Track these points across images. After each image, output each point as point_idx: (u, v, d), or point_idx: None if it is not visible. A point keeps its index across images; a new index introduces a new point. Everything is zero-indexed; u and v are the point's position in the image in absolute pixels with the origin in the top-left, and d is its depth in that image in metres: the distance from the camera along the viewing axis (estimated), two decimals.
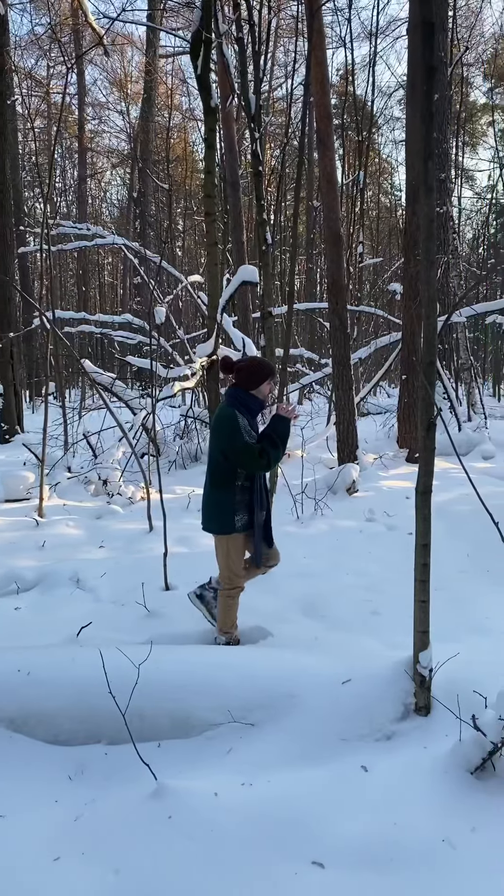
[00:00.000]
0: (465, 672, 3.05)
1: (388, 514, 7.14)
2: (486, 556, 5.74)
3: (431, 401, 2.91)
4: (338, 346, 8.67)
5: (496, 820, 2.38)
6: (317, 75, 8.12)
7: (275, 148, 25.37)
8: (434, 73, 2.71)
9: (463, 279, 17.34)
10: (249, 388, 3.96)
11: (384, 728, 2.93)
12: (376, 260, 23.13)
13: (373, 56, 16.96)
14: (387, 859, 2.25)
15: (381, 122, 27.21)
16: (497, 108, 28.78)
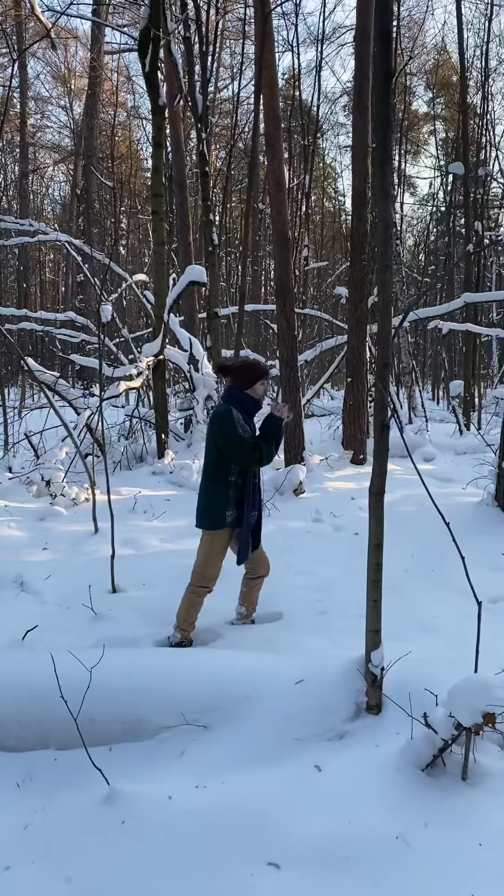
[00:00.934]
0: (416, 670, 3.10)
1: (335, 515, 7.21)
2: (429, 556, 5.86)
3: (385, 403, 2.95)
4: (285, 348, 8.72)
5: (448, 815, 2.42)
6: (266, 78, 8.15)
7: (220, 149, 25.37)
8: (390, 79, 2.75)
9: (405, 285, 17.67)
10: (244, 387, 4.13)
11: (337, 727, 2.95)
12: (321, 264, 23.36)
13: (318, 61, 17.10)
14: (342, 858, 2.27)
15: (326, 127, 27.53)
16: (438, 117, 29.43)
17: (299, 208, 20.39)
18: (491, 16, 17.17)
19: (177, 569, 5.36)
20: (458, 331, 15.95)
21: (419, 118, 30.62)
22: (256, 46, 6.19)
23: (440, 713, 2.64)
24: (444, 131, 30.51)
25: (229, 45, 24.47)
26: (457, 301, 12.98)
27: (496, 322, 23.20)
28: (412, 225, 36.05)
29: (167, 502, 7.54)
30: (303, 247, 18.80)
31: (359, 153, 9.68)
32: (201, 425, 10.02)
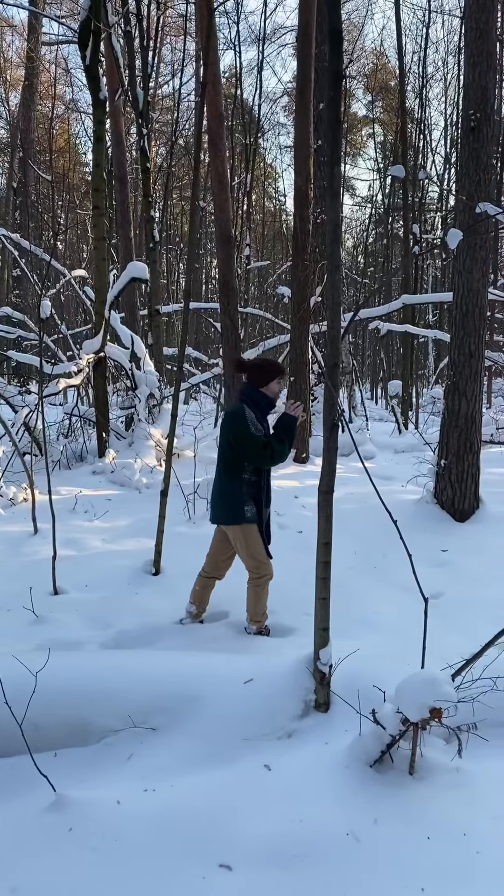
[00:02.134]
0: (364, 667, 3.13)
1: (279, 514, 7.22)
2: (372, 553, 5.93)
3: (335, 402, 2.97)
4: (229, 347, 8.71)
5: (396, 811, 2.45)
6: (210, 75, 8.10)
7: (162, 145, 25.16)
8: (341, 79, 2.76)
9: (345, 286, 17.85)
10: (259, 385, 4.16)
11: (286, 726, 2.95)
12: (263, 263, 23.44)
13: (260, 61, 17.13)
14: (293, 856, 2.27)
15: (267, 126, 27.63)
16: (377, 120, 29.89)
17: (241, 207, 20.41)
18: (429, 23, 17.50)
19: (120, 569, 5.30)
20: (396, 331, 16.22)
21: (359, 121, 31.03)
22: (202, 42, 6.14)
23: (388, 709, 2.67)
24: (382, 134, 31.01)
25: (170, 42, 24.31)
26: (395, 302, 13.21)
27: (432, 323, 23.72)
28: (351, 227, 36.53)
29: (109, 502, 7.44)
30: (245, 246, 18.82)
31: (301, 153, 9.73)
32: (143, 423, 9.91)
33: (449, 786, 2.58)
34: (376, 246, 33.01)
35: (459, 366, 6.79)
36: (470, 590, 5.09)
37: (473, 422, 6.83)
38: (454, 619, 4.43)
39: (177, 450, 9.26)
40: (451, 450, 6.86)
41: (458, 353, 6.80)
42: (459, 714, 2.73)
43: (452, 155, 22.16)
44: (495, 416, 13.11)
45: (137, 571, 5.21)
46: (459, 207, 6.88)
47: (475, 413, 6.83)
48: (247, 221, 19.53)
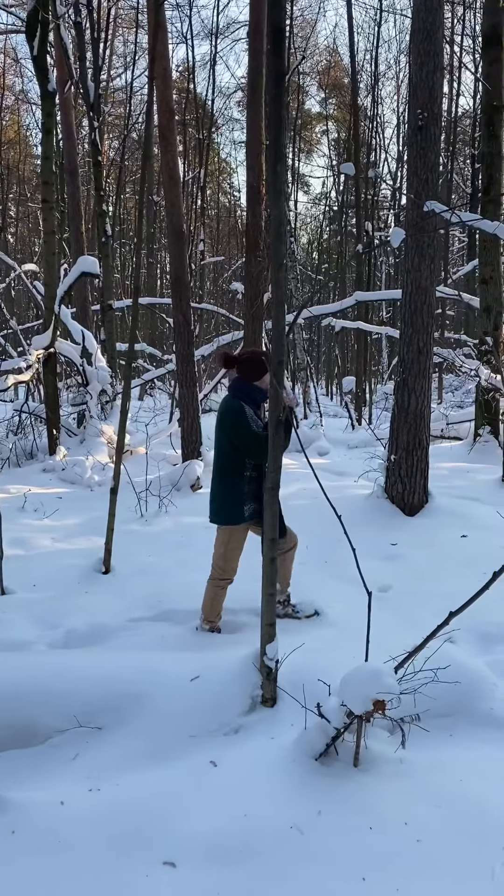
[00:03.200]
0: (310, 662, 3.16)
1: None
2: (323, 549, 5.98)
3: (280, 399, 2.98)
4: (181, 343, 8.67)
5: (340, 802, 2.48)
6: (159, 70, 8.05)
7: (114, 139, 24.88)
8: (283, 78, 2.77)
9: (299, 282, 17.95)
10: (253, 379, 4.08)
11: (232, 722, 2.96)
12: (217, 258, 23.38)
13: (213, 55, 17.08)
14: (238, 851, 2.28)
15: (221, 121, 27.54)
16: (330, 118, 30.05)
17: (195, 202, 20.33)
18: (380, 21, 17.66)
19: (70, 569, 5.24)
20: (351, 328, 16.37)
21: (312, 118, 31.16)
22: (149, 36, 6.09)
23: (333, 702, 2.70)
24: (336, 132, 31.20)
25: (122, 34, 24.04)
26: (348, 299, 13.32)
27: (386, 320, 24.00)
28: (306, 223, 36.69)
29: (59, 500, 7.36)
30: (199, 241, 18.75)
31: (253, 149, 9.74)
32: (95, 420, 9.82)
33: (392, 776, 2.62)
34: (330, 243, 33.22)
35: (408, 362, 6.89)
36: (418, 582, 5.17)
37: (422, 417, 6.94)
38: (402, 612, 4.50)
39: (129, 447, 9.20)
40: (401, 445, 6.95)
41: (407, 349, 6.89)
42: (403, 706, 2.78)
43: (405, 153, 22.44)
44: (446, 411, 13.33)
45: (87, 570, 5.16)
46: (408, 206, 6.97)
47: (424, 409, 6.94)
48: (201, 217, 19.46)
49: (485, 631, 4.22)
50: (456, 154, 21.91)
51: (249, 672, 3.09)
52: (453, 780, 2.61)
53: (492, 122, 10.07)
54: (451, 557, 5.59)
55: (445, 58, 19.95)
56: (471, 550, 5.64)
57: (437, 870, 2.20)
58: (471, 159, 19.15)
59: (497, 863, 2.22)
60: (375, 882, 2.15)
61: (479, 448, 9.79)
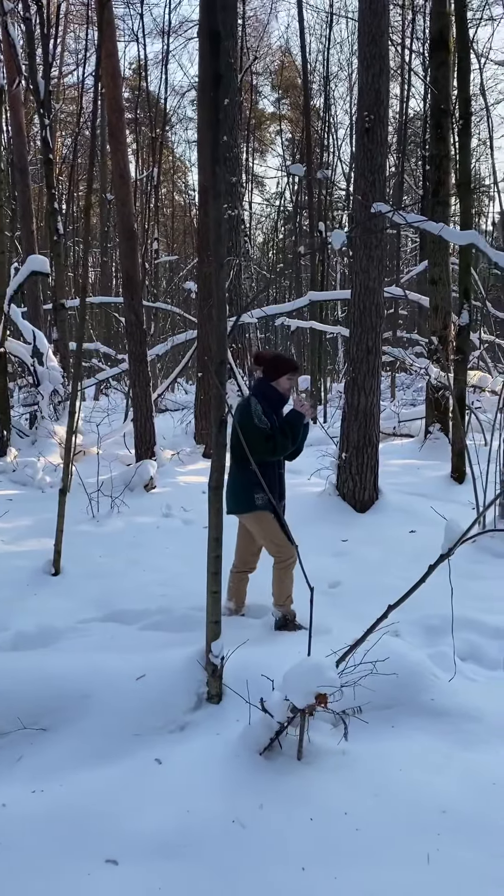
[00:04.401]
0: (256, 658, 3.19)
1: (185, 510, 7.25)
2: None
3: (223, 399, 3.01)
4: (134, 342, 8.64)
5: (282, 795, 2.52)
6: (107, 67, 8.00)
7: (66, 136, 24.61)
8: (220, 80, 2.79)
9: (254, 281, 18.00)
10: (270, 379, 4.25)
11: (178, 719, 2.98)
12: (172, 257, 23.31)
13: (165, 54, 17.03)
14: (180, 846, 2.30)
15: (175, 120, 27.45)
16: (284, 118, 30.19)
17: (149, 201, 20.23)
18: (331, 23, 17.80)
19: (19, 570, 5.19)
20: (306, 327, 16.47)
21: (266, 117, 31.26)
22: (97, 34, 6.06)
23: (276, 697, 2.74)
24: (290, 132, 31.35)
25: (74, 30, 23.78)
26: (302, 299, 13.42)
27: (341, 320, 24.20)
28: (261, 222, 36.79)
29: (10, 502, 7.27)
30: (153, 240, 18.66)
31: (205, 149, 9.75)
32: (47, 421, 9.72)
33: (334, 768, 2.68)
34: (286, 242, 33.37)
35: (358, 362, 6.99)
36: (367, 577, 5.24)
37: (372, 416, 7.04)
38: (350, 607, 4.56)
39: (82, 447, 9.13)
40: (352, 443, 7.05)
41: (356, 349, 6.99)
42: (345, 699, 2.83)
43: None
44: (398, 409, 13.52)
45: (37, 572, 5.12)
46: (355, 207, 7.07)
47: (373, 407, 7.05)
48: (155, 215, 19.37)
49: (430, 624, 4.31)
50: (408, 156, 22.22)
51: (195, 669, 3.11)
52: (393, 770, 2.68)
53: (440, 124, 10.26)
54: (400, 553, 5.69)
55: (396, 61, 20.23)
56: (419, 545, 5.75)
57: (374, 857, 2.25)
58: (422, 161, 19.44)
59: (432, 848, 2.29)
60: (314, 871, 2.19)
61: (430, 445, 9.96)
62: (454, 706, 3.12)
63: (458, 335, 8.39)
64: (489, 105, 22.89)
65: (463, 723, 3.04)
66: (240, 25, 18.70)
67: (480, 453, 6.96)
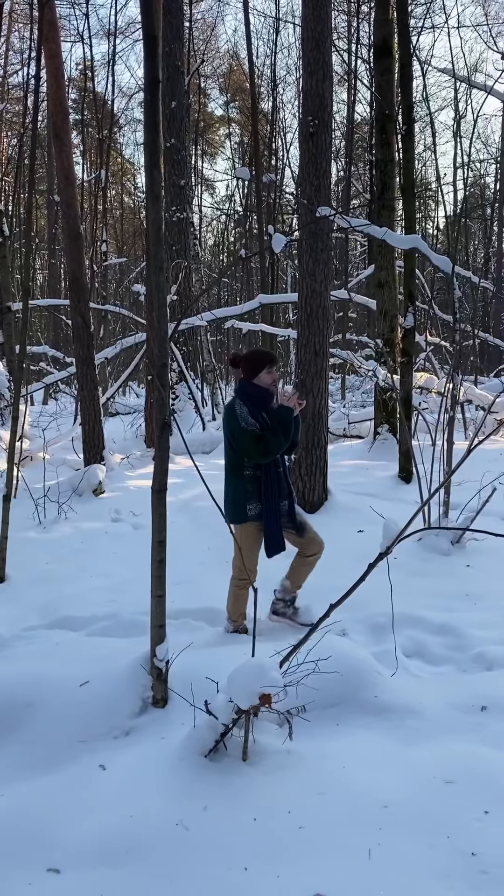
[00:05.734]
0: (201, 660, 3.20)
1: (135, 514, 7.21)
2: (225, 549, 6.03)
3: (165, 402, 3.01)
4: (81, 345, 8.55)
5: (226, 796, 2.53)
6: (50, 68, 7.91)
7: (13, 136, 24.21)
8: (158, 84, 2.80)
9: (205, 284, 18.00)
10: (250, 377, 4.09)
11: (123, 725, 2.97)
12: (120, 259, 23.13)
13: (112, 55, 16.89)
14: (124, 852, 2.29)
15: (124, 122, 27.27)
16: (233, 121, 30.25)
17: (97, 203, 20.03)
18: (278, 28, 17.92)
19: None
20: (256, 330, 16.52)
21: (215, 120, 31.28)
22: (38, 34, 5.99)
23: (221, 699, 2.75)
24: (239, 135, 31.44)
25: (19, 30, 23.42)
26: (252, 302, 13.44)
27: (292, 322, 24.35)
28: (212, 225, 36.77)
29: None
30: (101, 242, 18.50)
31: None
32: None
33: (278, 768, 2.69)
34: (236, 245, 33.41)
35: (306, 364, 7.05)
36: (314, 578, 5.26)
37: (320, 417, 7.11)
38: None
39: (29, 452, 9.00)
40: (301, 444, 7.10)
41: (304, 351, 7.05)
42: (289, 698, 2.85)
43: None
44: (347, 411, 13.67)
45: None
46: (301, 211, 7.13)
47: (322, 409, 7.11)
48: (104, 217, 19.19)
49: (376, 622, 4.37)
50: (355, 161, 22.50)
51: (139, 674, 3.10)
52: (337, 768, 2.71)
53: (384, 130, 10.42)
54: (347, 552, 5.73)
55: (343, 67, 20.47)
56: (367, 545, 5.79)
57: (317, 854, 2.28)
58: (368, 166, 19.71)
59: (374, 843, 2.32)
60: (257, 871, 2.21)
61: (379, 446, 10.09)
62: (397, 703, 3.17)
63: (403, 338, 8.53)
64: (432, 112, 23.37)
65: (406, 719, 3.09)
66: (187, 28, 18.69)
67: (427, 453, 7.08)
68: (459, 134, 23.82)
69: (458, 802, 2.50)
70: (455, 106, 26.12)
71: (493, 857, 2.24)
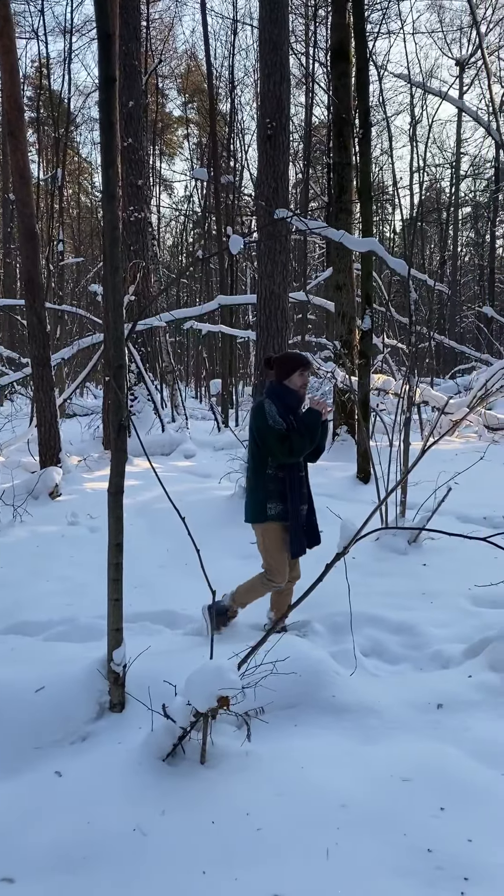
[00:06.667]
0: (157, 664, 3.17)
1: (92, 517, 7.13)
2: (184, 551, 6.00)
3: (122, 403, 2.98)
4: (37, 346, 8.43)
5: (185, 800, 2.51)
6: (5, 64, 7.79)
7: None
8: (113, 83, 2.77)
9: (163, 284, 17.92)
10: (281, 379, 4.07)
11: (79, 730, 2.93)
12: (77, 259, 22.89)
13: (68, 53, 16.72)
14: (81, 859, 2.26)
15: (80, 120, 27.00)
16: (191, 122, 30.20)
17: (53, 202, 19.79)
18: (236, 30, 17.94)
19: None
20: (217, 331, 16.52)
21: (174, 121, 31.18)
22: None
23: (178, 702, 2.73)
24: (198, 136, 31.38)
25: None
26: (211, 303, 13.46)
27: (252, 323, 24.40)
28: (170, 225, 36.64)
29: None
30: (58, 241, 18.27)
31: None
32: None
33: (237, 770, 2.69)
34: (195, 246, 33.34)
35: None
36: None
37: None
38: (256, 609, 4.59)
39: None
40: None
41: (263, 353, 7.07)
42: (247, 700, 2.85)
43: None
44: None
45: None
46: (258, 213, 7.15)
47: None
48: (60, 217, 18.96)
49: (335, 622, 4.40)
50: (313, 163, 22.64)
51: (96, 679, 3.06)
52: (295, 769, 2.71)
53: (341, 133, 10.50)
54: (307, 553, 5.77)
55: (301, 70, 20.58)
56: (324, 546, 5.84)
57: (275, 856, 2.28)
58: (326, 169, 19.85)
59: (332, 843, 2.33)
60: (215, 874, 2.20)
61: (338, 447, 10.17)
62: (355, 702, 3.19)
63: (361, 340, 8.61)
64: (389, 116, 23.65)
65: (363, 718, 3.12)
66: (144, 28, 18.59)
67: (385, 454, 7.16)
68: (415, 139, 24.18)
69: (415, 800, 2.53)
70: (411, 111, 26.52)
71: (448, 853, 2.27)
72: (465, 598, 4.68)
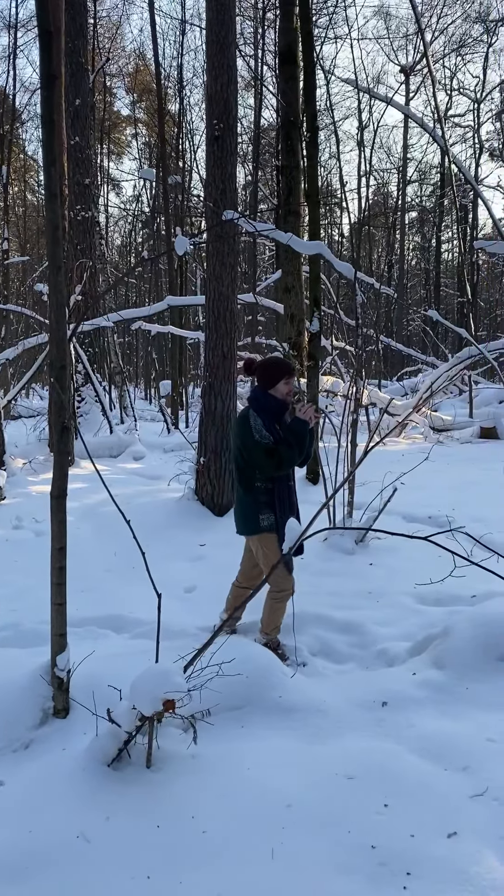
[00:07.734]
0: (102, 668, 3.14)
1: (37, 521, 7.01)
2: (133, 554, 5.94)
3: (65, 404, 2.94)
4: None
5: (130, 805, 2.49)
6: None
7: None
8: (54, 80, 2.74)
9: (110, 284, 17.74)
10: (266, 388, 3.89)
11: (22, 737, 2.88)
12: (23, 258, 22.51)
13: (13, 48, 16.45)
14: (22, 869, 2.22)
15: (26, 117, 26.55)
16: (139, 121, 30.00)
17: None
18: (184, 30, 17.90)
19: None
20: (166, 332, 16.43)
21: (122, 120, 30.92)
22: None
23: (123, 707, 2.71)
24: (146, 136, 31.19)
25: None
26: (160, 304, 13.37)
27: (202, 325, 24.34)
28: (119, 225, 36.33)
29: None
30: (3, 240, 17.94)
31: None
32: None
33: (183, 773, 2.68)
34: (144, 246, 33.13)
35: (214, 367, 7.05)
36: (223, 581, 5.28)
37: (229, 420, 7.13)
38: (205, 611, 4.59)
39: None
40: (210, 447, 7.10)
41: (212, 354, 7.06)
42: (194, 702, 2.84)
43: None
44: None
45: None
46: (207, 214, 7.14)
47: (230, 412, 7.13)
48: (5, 214, 18.62)
49: (283, 622, 4.41)
50: (262, 165, 22.73)
51: (39, 685, 3.01)
52: (241, 770, 2.71)
53: (289, 136, 10.58)
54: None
55: (249, 72, 20.65)
56: None
57: (220, 857, 2.28)
58: (275, 171, 19.95)
59: (277, 843, 2.34)
60: (160, 878, 2.19)
61: None
62: (301, 702, 3.21)
63: (309, 342, 8.67)
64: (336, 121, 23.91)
65: (310, 717, 3.14)
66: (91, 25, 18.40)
67: (333, 455, 7.21)
68: (363, 143, 24.49)
69: (360, 797, 2.56)
70: (359, 116, 26.86)
71: (391, 848, 2.30)
72: (410, 597, 4.75)
